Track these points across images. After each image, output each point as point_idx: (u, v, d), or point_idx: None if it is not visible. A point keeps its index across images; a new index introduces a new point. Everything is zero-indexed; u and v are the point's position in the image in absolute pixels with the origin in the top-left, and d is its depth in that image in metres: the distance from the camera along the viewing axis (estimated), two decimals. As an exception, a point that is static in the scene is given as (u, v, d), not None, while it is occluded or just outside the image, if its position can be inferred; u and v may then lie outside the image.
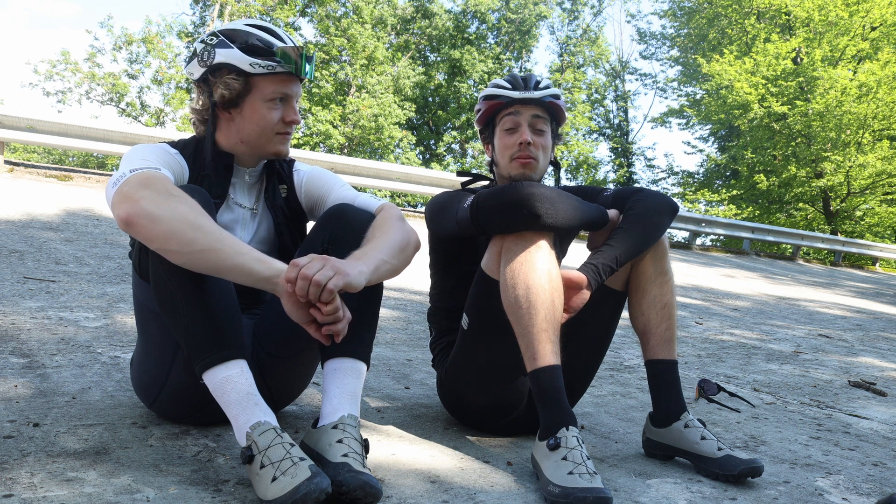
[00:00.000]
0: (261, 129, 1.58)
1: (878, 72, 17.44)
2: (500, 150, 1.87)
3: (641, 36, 28.35)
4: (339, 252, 1.45)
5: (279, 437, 1.24)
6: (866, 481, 1.73)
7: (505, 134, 1.85)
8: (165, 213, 1.25)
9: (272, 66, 1.53)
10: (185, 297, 1.32)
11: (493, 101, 1.86)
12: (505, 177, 1.88)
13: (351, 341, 1.43)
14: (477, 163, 27.91)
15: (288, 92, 1.58)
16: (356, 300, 1.44)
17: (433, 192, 9.80)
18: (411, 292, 4.51)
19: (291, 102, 1.60)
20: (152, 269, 1.36)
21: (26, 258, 3.76)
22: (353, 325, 1.43)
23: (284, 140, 1.62)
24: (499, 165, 1.89)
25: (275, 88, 1.56)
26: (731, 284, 8.01)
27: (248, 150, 1.62)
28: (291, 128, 1.62)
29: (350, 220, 1.53)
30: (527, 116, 1.84)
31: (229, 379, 1.30)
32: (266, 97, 1.56)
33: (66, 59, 19.85)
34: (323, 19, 23.89)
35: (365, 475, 1.23)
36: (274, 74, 1.55)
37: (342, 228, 1.51)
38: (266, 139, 1.60)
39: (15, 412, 1.59)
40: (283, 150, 1.62)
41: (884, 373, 3.54)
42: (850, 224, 21.61)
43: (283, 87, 1.57)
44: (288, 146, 1.64)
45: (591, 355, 1.87)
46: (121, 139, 8.03)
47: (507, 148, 1.85)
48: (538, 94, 1.83)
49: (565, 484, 1.36)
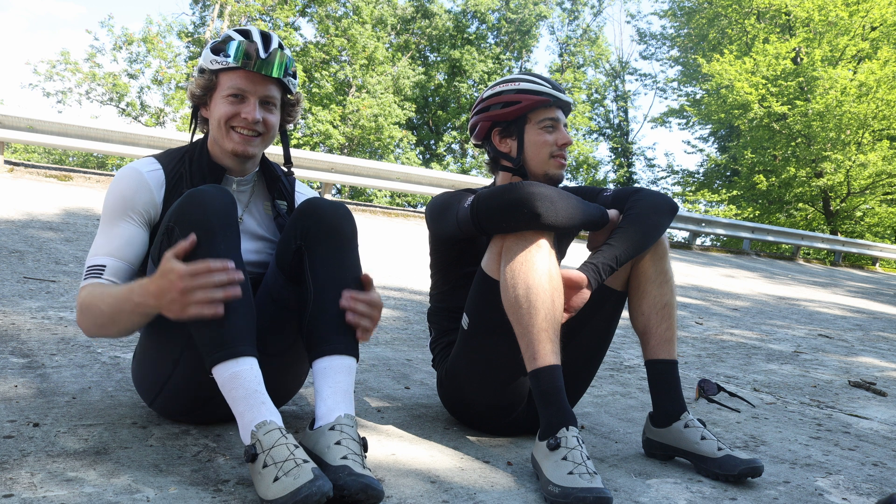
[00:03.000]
0: (217, 123, 1.59)
1: (877, 71, 17.45)
2: (536, 147, 1.82)
3: (641, 36, 28.41)
4: (312, 248, 1.48)
5: (284, 438, 1.24)
6: (866, 481, 1.73)
7: (542, 131, 1.82)
8: (89, 325, 1.48)
9: (227, 60, 1.55)
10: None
11: (535, 97, 1.80)
12: (539, 174, 1.84)
13: (336, 337, 1.43)
14: (477, 162, 27.91)
15: (244, 88, 1.56)
16: (335, 294, 1.45)
17: (433, 192, 9.81)
18: (411, 292, 4.51)
19: (250, 99, 1.57)
20: None
21: (26, 258, 3.76)
22: (336, 320, 1.44)
23: (245, 140, 1.58)
24: (530, 161, 1.83)
25: (231, 84, 1.57)
26: (730, 284, 8.01)
27: (218, 150, 1.63)
28: (253, 126, 1.57)
29: (321, 215, 1.52)
30: (563, 119, 1.86)
31: (238, 375, 1.30)
32: (223, 93, 1.58)
33: (65, 60, 19.84)
34: (323, 19, 23.89)
35: (366, 477, 1.23)
36: (231, 70, 1.57)
37: (314, 224, 1.50)
38: (221, 135, 1.59)
39: (15, 412, 1.59)
40: (240, 150, 1.58)
41: (884, 373, 3.54)
42: (850, 224, 21.62)
43: (240, 82, 1.56)
44: (252, 147, 1.59)
45: (591, 355, 1.87)
46: (121, 139, 8.03)
47: (545, 145, 1.82)
48: (569, 99, 1.87)
49: (565, 484, 1.36)
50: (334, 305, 1.45)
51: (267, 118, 1.60)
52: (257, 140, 1.60)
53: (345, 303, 1.45)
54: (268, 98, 1.60)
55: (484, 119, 1.86)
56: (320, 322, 1.45)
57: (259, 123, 1.58)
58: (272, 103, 1.61)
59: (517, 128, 1.84)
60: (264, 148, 1.65)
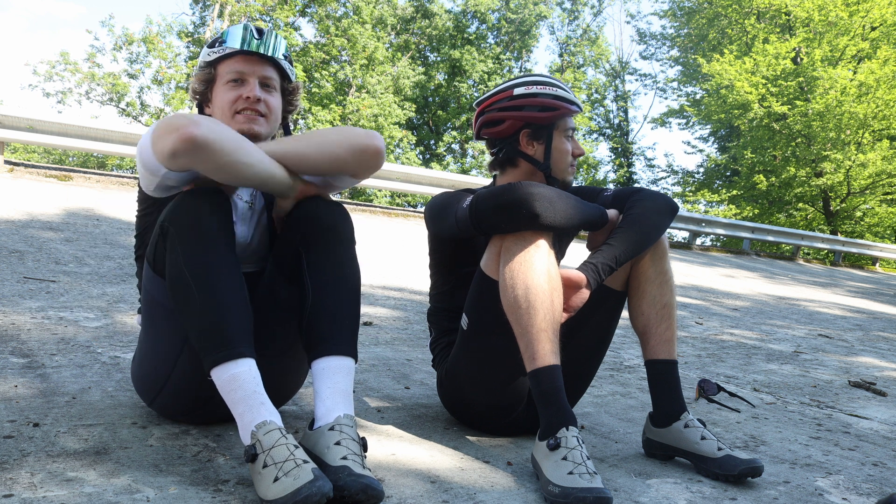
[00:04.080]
0: (221, 110, 1.60)
1: (877, 71, 17.45)
2: (561, 154, 1.84)
3: (641, 36, 28.39)
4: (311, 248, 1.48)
5: (284, 438, 1.24)
6: (866, 481, 1.73)
7: (566, 140, 1.85)
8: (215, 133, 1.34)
9: (223, 47, 1.59)
10: (200, 292, 1.34)
11: (570, 107, 1.82)
12: (559, 181, 1.86)
13: (335, 338, 1.43)
14: (477, 162, 27.91)
15: (243, 70, 1.59)
16: (333, 294, 1.45)
17: (433, 192, 9.80)
18: (411, 292, 4.51)
19: (249, 80, 1.59)
20: (169, 263, 1.37)
21: (26, 258, 3.76)
22: (335, 321, 1.44)
23: (249, 119, 1.59)
24: (554, 167, 1.84)
25: (230, 69, 1.59)
26: (730, 284, 8.01)
27: None
28: (255, 106, 1.58)
29: (318, 216, 1.51)
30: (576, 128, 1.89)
31: (237, 377, 1.30)
32: (224, 80, 1.60)
33: (65, 60, 19.84)
34: (323, 19, 23.89)
35: (366, 478, 1.23)
36: (228, 57, 1.59)
37: (311, 224, 1.50)
38: (227, 120, 1.59)
39: (15, 412, 1.59)
40: (248, 130, 1.58)
41: (884, 373, 3.54)
42: (850, 224, 21.62)
43: (238, 65, 1.59)
44: (258, 126, 1.59)
45: (591, 355, 1.87)
46: (121, 139, 8.03)
47: (567, 154, 1.85)
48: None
49: (565, 484, 1.36)
50: (333, 306, 1.45)
51: (268, 99, 1.61)
52: (262, 120, 1.60)
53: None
54: (266, 79, 1.62)
55: (516, 118, 1.81)
56: (319, 322, 1.45)
57: (261, 103, 1.59)
58: (271, 85, 1.63)
59: (547, 133, 1.82)
60: (269, 132, 1.64)
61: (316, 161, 1.48)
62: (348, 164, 1.50)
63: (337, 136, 1.50)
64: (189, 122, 1.30)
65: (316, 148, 1.48)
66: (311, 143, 1.48)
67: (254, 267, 1.65)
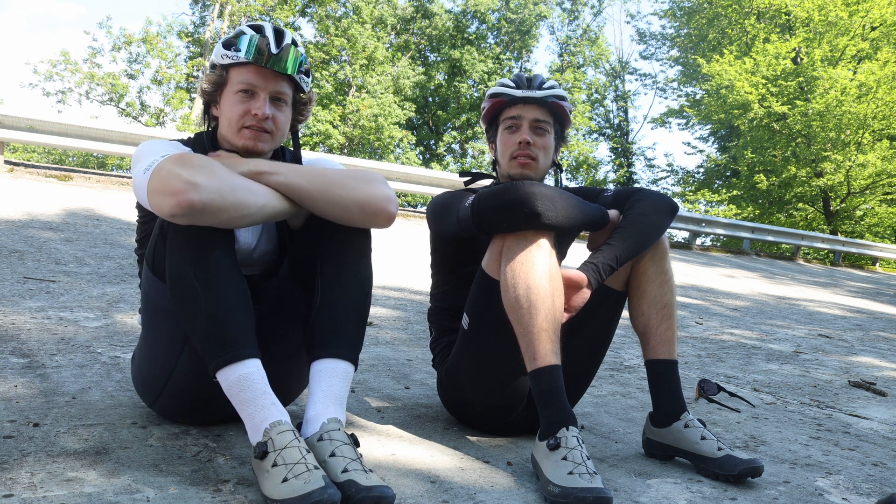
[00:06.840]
0: (227, 121, 1.57)
1: (877, 71, 17.45)
2: (501, 149, 1.88)
3: (641, 36, 28.37)
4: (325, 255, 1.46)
5: (296, 441, 1.24)
6: (866, 481, 1.73)
7: (506, 132, 1.86)
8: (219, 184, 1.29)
9: (237, 55, 1.53)
10: (204, 294, 1.32)
11: (497, 99, 1.87)
12: (505, 176, 1.88)
13: (337, 341, 1.42)
14: (477, 163, 27.92)
15: (254, 83, 1.54)
16: (341, 300, 1.44)
17: (433, 192, 9.80)
18: (411, 292, 4.50)
19: (259, 95, 1.54)
20: (170, 266, 1.36)
21: (26, 258, 3.76)
22: (340, 324, 1.43)
23: (255, 136, 1.55)
24: (500, 164, 1.90)
25: (241, 78, 1.55)
26: (730, 284, 8.01)
27: (229, 146, 1.60)
28: (262, 123, 1.54)
29: (335, 224, 1.49)
30: (529, 116, 1.84)
31: (245, 378, 1.30)
32: (233, 88, 1.55)
33: (65, 60, 19.84)
34: (323, 19, 23.89)
35: (375, 489, 1.21)
36: (241, 65, 1.54)
37: (326, 231, 1.49)
38: (233, 133, 1.56)
39: (15, 412, 1.59)
40: (252, 147, 1.55)
41: (884, 373, 3.54)
42: (849, 224, 21.61)
43: (250, 77, 1.54)
44: (262, 143, 1.56)
45: (591, 355, 1.87)
46: (121, 139, 8.03)
47: (507, 147, 1.86)
48: (541, 94, 1.83)
49: (565, 484, 1.36)
50: (338, 309, 1.44)
51: (276, 116, 1.57)
52: (267, 136, 1.57)
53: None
54: (278, 94, 1.57)
55: (482, 123, 1.97)
56: (322, 325, 1.44)
57: (268, 120, 1.55)
58: (283, 100, 1.59)
59: (493, 132, 1.92)
60: (274, 146, 1.62)
61: (321, 207, 1.44)
62: (353, 219, 1.45)
63: (350, 187, 1.43)
64: (187, 187, 1.24)
65: (325, 193, 1.42)
66: (321, 184, 1.42)
67: (258, 270, 1.64)
